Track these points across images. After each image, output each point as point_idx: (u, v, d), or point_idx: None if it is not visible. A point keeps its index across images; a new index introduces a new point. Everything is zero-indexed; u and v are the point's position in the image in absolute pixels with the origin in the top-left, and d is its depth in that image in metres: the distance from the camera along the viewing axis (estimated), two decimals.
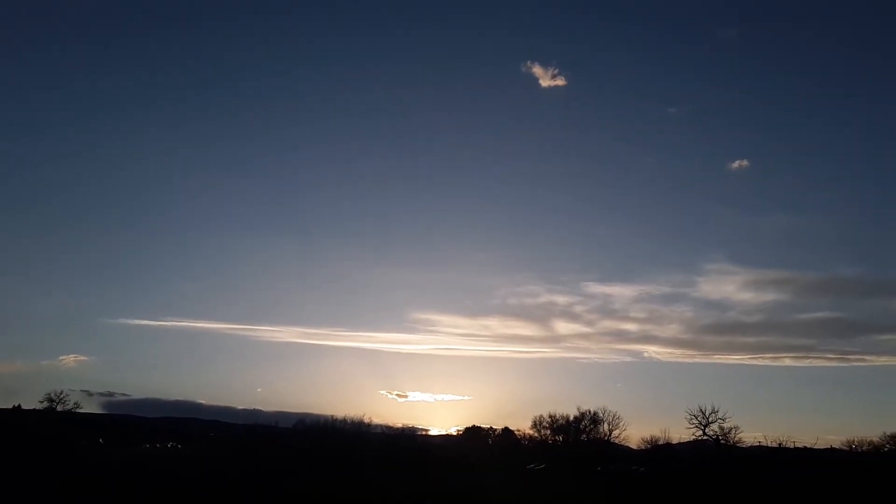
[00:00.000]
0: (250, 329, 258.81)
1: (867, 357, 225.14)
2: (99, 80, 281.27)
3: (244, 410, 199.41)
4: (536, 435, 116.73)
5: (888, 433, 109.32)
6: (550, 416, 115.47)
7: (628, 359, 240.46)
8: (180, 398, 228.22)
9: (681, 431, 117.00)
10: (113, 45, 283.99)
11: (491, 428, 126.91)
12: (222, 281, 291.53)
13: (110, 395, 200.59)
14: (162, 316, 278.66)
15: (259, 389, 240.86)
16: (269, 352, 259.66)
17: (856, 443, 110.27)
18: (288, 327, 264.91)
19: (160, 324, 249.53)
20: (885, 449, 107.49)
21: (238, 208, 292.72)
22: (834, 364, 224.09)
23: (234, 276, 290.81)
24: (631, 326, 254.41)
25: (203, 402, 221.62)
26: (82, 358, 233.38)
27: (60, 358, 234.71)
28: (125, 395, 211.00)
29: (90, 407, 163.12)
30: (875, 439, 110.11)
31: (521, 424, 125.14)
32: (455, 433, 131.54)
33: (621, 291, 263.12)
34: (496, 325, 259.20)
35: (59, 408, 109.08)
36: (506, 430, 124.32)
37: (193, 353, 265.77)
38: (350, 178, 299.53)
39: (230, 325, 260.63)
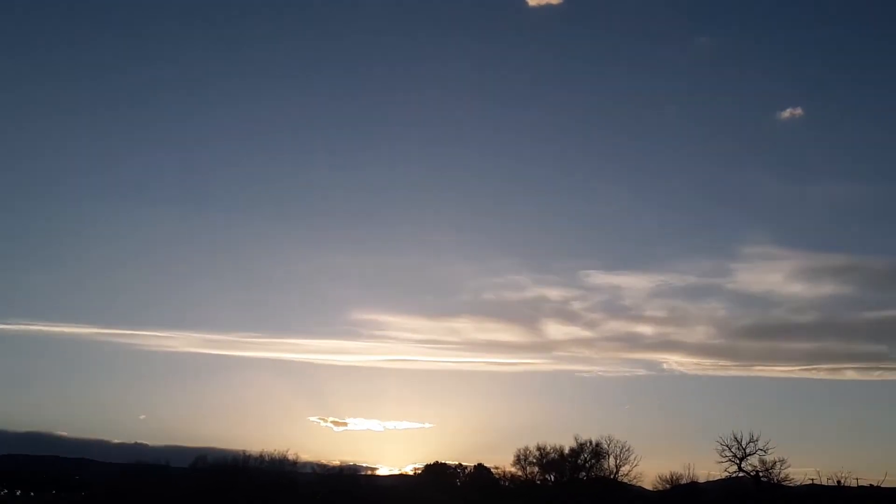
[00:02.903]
0: (130, 335, 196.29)
1: None
2: None
3: (122, 445, 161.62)
4: (521, 474, 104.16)
5: None
6: (539, 449, 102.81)
7: (642, 371, 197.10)
8: (32, 429, 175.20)
9: (710, 466, 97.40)
10: None
11: (460, 465, 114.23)
12: (89, 270, 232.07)
13: None
14: (2, 317, 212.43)
15: (142, 416, 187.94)
16: (156, 365, 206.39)
17: None
18: (183, 332, 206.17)
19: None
20: None
21: (111, 174, 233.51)
22: None
23: (105, 263, 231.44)
24: (646, 329, 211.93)
25: (64, 433, 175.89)
26: None
27: None
28: None
29: None
30: None
31: (501, 460, 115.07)
32: (412, 472, 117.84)
33: (634, 283, 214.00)
34: (467, 327, 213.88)
35: None
36: (480, 467, 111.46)
37: (50, 367, 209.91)
38: (263, 127, 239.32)
39: (101, 328, 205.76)
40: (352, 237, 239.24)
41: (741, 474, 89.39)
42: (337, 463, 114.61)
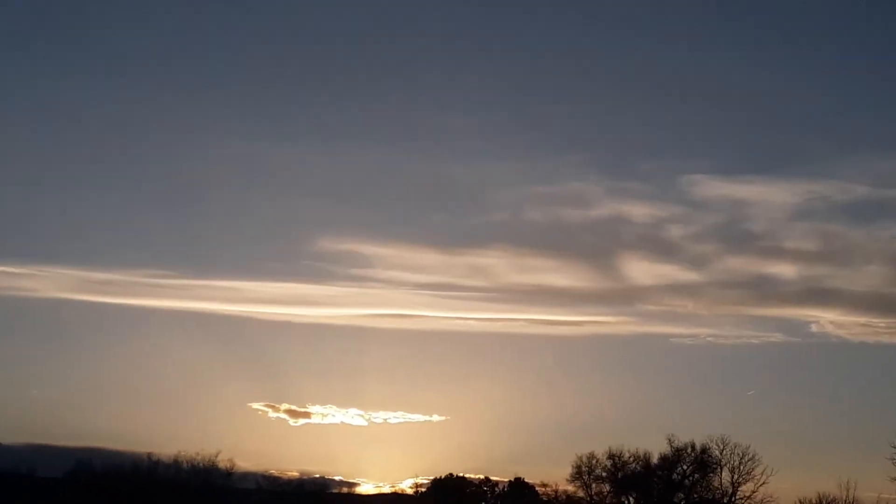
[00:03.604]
0: None
1: None
2: None
3: None
4: (582, 494, 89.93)
5: None
6: (612, 457, 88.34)
7: (777, 336, 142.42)
8: None
9: (882, 483, 76.76)
10: None
11: (486, 480, 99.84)
12: None
13: None
14: None
15: None
16: (8, 319, 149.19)
17: None
18: (50, 268, 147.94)
19: None
20: None
21: None
22: None
23: None
24: (786, 270, 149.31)
25: None
26: None
27: None
28: None
29: None
30: None
31: (551, 473, 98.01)
32: (411, 491, 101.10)
33: (767, 195, 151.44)
34: (500, 265, 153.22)
35: None
36: (518, 484, 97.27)
37: None
38: None
39: None
40: (318, 118, 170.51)
41: None
42: (294, 474, 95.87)
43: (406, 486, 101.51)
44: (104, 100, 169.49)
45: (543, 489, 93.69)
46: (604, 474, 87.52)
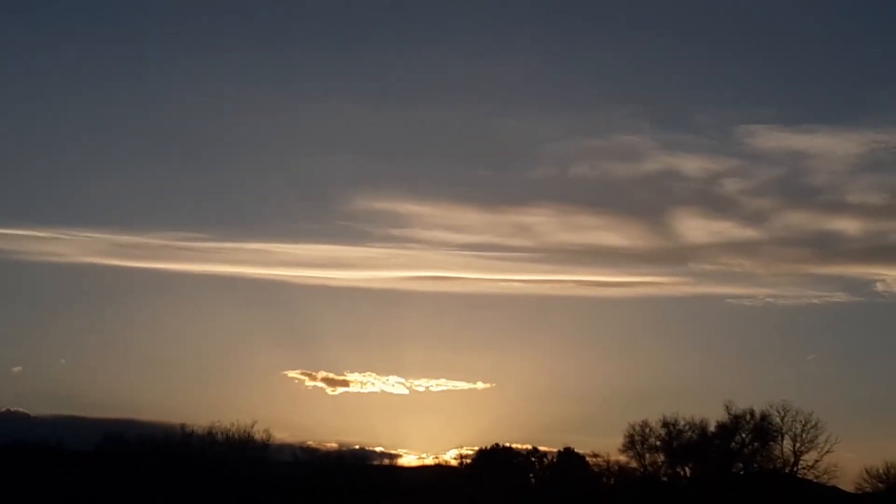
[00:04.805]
0: None
1: None
2: None
3: None
4: (635, 465, 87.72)
5: None
6: (666, 425, 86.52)
7: (840, 296, 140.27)
8: None
9: None
10: None
11: (534, 451, 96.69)
12: None
13: None
14: None
15: (17, 368, 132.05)
16: (34, 285, 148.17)
17: None
18: (77, 232, 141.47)
19: None
20: None
21: None
22: None
23: None
24: (850, 226, 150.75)
25: None
26: None
27: None
28: None
29: None
30: None
31: (603, 443, 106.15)
32: (456, 462, 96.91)
33: (828, 146, 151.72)
34: (546, 224, 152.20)
35: None
36: (567, 454, 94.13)
37: None
38: None
39: None
40: (353, 71, 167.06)
41: None
42: (333, 446, 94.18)
43: (450, 458, 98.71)
44: (132, 61, 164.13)
45: (594, 460, 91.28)
46: (658, 444, 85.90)
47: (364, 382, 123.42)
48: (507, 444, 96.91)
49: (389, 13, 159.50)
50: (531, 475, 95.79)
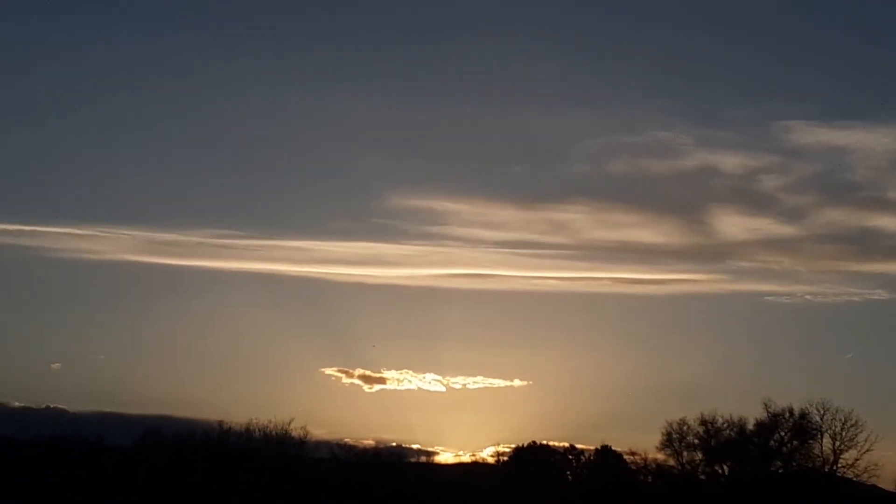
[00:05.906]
0: (29, 232, 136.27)
1: None
2: None
3: (26, 410, 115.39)
4: (673, 463, 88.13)
5: None
6: (704, 423, 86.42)
7: (881, 293, 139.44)
8: None
9: None
10: None
11: (572, 449, 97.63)
12: None
13: None
14: None
15: (56, 365, 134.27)
16: (72, 283, 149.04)
17: None
18: (115, 230, 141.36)
19: None
20: None
21: None
22: None
23: None
24: (889, 222, 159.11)
25: None
26: None
27: None
28: None
29: None
30: None
31: (640, 440, 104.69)
32: (492, 459, 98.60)
33: (867, 141, 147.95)
34: (582, 221, 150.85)
35: None
36: (605, 452, 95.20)
37: None
38: None
39: None
40: (389, 67, 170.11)
41: None
42: (370, 443, 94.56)
43: (487, 455, 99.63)
44: (167, 57, 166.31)
45: (632, 457, 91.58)
46: (696, 441, 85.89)
47: (401, 380, 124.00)
48: (544, 442, 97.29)
49: (426, 12, 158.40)
50: (568, 473, 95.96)
